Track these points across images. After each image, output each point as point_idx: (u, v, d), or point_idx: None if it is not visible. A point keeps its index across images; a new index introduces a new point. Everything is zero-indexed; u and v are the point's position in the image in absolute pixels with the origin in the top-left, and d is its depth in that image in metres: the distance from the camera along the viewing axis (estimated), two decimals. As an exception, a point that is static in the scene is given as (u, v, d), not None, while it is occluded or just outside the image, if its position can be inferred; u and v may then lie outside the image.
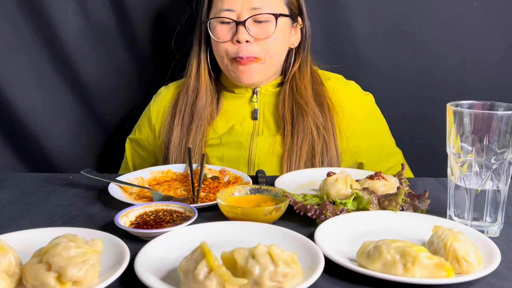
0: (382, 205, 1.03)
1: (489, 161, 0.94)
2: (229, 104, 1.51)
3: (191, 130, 1.45)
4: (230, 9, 1.40)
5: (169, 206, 1.02)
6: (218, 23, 1.42)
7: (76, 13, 1.68)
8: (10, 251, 0.75)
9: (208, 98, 1.48)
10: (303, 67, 1.51)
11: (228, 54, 1.42)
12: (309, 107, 1.44)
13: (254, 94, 1.50)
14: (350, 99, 1.51)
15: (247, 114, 1.49)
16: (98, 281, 0.75)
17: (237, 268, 0.73)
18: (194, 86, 1.49)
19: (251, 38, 1.39)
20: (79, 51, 1.71)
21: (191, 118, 1.46)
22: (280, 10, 1.42)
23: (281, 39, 1.44)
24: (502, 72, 1.73)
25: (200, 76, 1.49)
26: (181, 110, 1.47)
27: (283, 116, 1.46)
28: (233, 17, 1.40)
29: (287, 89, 1.49)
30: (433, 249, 0.84)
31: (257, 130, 1.47)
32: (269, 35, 1.40)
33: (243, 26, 1.38)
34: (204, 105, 1.47)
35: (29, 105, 1.72)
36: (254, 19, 1.39)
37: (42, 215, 1.06)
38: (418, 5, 1.69)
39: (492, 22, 1.69)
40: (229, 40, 1.41)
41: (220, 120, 1.49)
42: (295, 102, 1.46)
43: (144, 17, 1.71)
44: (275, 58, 1.45)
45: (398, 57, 1.72)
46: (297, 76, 1.50)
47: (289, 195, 1.02)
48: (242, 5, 1.39)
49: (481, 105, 0.99)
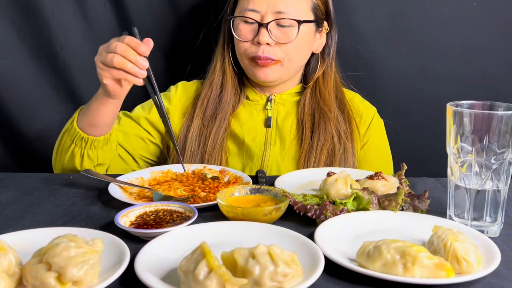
0: (382, 205, 1.03)
1: (489, 161, 0.94)
2: (245, 110, 1.50)
3: (213, 122, 1.45)
4: (254, 9, 1.39)
5: (169, 206, 1.02)
6: (241, 22, 1.42)
7: (76, 13, 1.68)
8: (10, 251, 0.75)
9: (233, 92, 1.49)
10: (328, 73, 1.51)
11: (246, 53, 1.42)
12: (332, 113, 1.45)
13: (268, 102, 1.50)
14: (366, 112, 1.52)
15: (260, 122, 1.49)
16: (98, 281, 0.75)
17: (237, 268, 0.73)
18: (218, 81, 1.49)
19: (272, 41, 1.38)
20: (79, 51, 1.71)
21: (215, 111, 1.47)
22: (305, 16, 1.41)
23: (303, 44, 1.43)
24: (502, 72, 1.73)
25: (225, 71, 1.49)
26: (203, 103, 1.48)
27: (302, 121, 1.46)
28: (256, 18, 1.39)
29: (308, 94, 1.49)
30: (433, 249, 0.84)
31: (269, 139, 1.47)
32: (291, 40, 1.39)
33: (265, 29, 1.38)
34: (228, 100, 1.48)
35: (28, 105, 1.72)
36: (277, 22, 1.38)
37: (42, 215, 1.06)
38: (418, 5, 1.69)
39: (492, 22, 1.69)
40: (250, 40, 1.41)
41: (236, 126, 1.48)
42: (318, 107, 1.46)
43: (144, 17, 1.71)
44: (295, 62, 1.44)
45: (398, 57, 1.72)
46: (320, 82, 1.50)
47: (289, 195, 1.02)
48: (267, 7, 1.38)
49: (481, 105, 0.99)
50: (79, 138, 1.33)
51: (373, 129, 1.52)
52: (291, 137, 1.47)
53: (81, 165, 1.36)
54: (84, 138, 1.33)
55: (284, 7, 1.38)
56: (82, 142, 1.33)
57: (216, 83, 1.49)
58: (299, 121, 1.47)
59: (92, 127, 1.33)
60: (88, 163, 1.36)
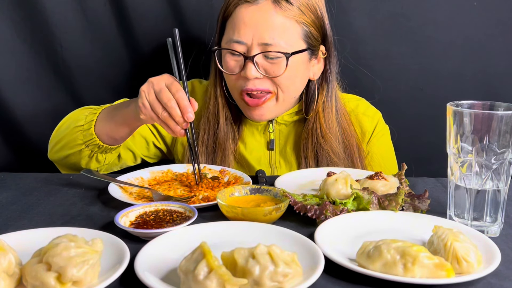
0: (382, 205, 1.03)
1: (489, 161, 0.94)
2: (247, 131, 1.46)
3: (216, 160, 1.41)
4: (240, 40, 1.28)
5: (169, 206, 1.02)
6: (228, 53, 1.32)
7: (76, 13, 1.68)
8: (10, 251, 0.75)
9: (229, 128, 1.41)
10: (328, 104, 1.40)
11: (236, 87, 1.34)
12: (335, 153, 1.38)
13: (270, 123, 1.44)
14: (368, 123, 1.48)
15: (262, 144, 1.45)
16: (98, 281, 0.75)
17: (237, 268, 0.73)
18: (214, 114, 1.41)
19: (260, 74, 1.29)
20: (79, 51, 1.71)
21: (215, 148, 1.41)
22: (295, 46, 1.29)
23: (295, 75, 1.33)
24: (502, 72, 1.73)
25: (218, 105, 1.41)
26: (204, 140, 1.41)
27: (305, 157, 1.40)
28: (242, 50, 1.29)
29: (309, 131, 1.39)
30: (433, 249, 0.84)
31: (274, 162, 1.44)
32: (280, 73, 1.29)
33: (252, 62, 1.27)
34: (225, 136, 1.41)
35: (28, 105, 1.72)
36: (265, 55, 1.28)
37: (42, 215, 1.06)
38: (418, 5, 1.69)
39: (492, 22, 1.69)
40: (238, 73, 1.31)
41: (242, 145, 1.45)
42: (320, 146, 1.38)
43: (144, 17, 1.71)
44: (289, 94, 1.35)
45: (398, 57, 1.72)
46: (321, 116, 1.39)
47: (289, 195, 1.02)
48: (253, 39, 1.27)
49: (481, 105, 0.99)
50: (94, 144, 1.30)
51: (375, 140, 1.49)
52: (295, 159, 1.43)
53: (86, 165, 1.35)
54: (99, 145, 1.31)
55: (271, 38, 1.26)
56: (95, 147, 1.31)
57: (212, 117, 1.42)
58: (302, 157, 1.41)
59: (111, 138, 1.31)
60: (94, 164, 1.36)
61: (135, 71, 1.77)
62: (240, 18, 1.28)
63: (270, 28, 1.27)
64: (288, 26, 1.29)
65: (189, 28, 1.71)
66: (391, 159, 1.53)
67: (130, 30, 1.72)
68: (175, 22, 1.72)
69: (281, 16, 1.27)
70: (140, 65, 1.77)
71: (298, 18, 1.29)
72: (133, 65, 1.76)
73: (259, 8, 1.28)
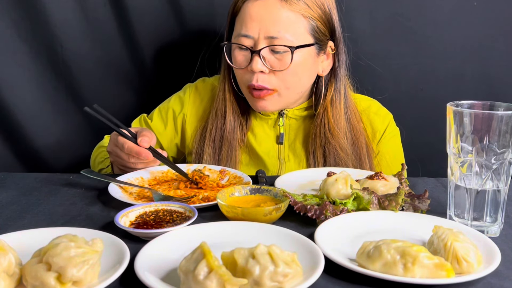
0: (382, 205, 1.03)
1: (489, 161, 0.94)
2: (257, 123, 1.47)
3: (221, 154, 1.42)
4: (247, 35, 1.30)
5: (169, 206, 1.02)
6: (236, 48, 1.35)
7: (76, 13, 1.68)
8: (10, 251, 0.75)
9: (236, 122, 1.43)
10: (336, 100, 1.41)
11: (243, 81, 1.37)
12: (343, 149, 1.38)
13: (280, 117, 1.45)
14: (379, 124, 1.49)
15: (272, 137, 1.46)
16: (98, 281, 0.75)
17: (237, 268, 0.73)
18: (221, 109, 1.43)
19: (266, 68, 1.31)
20: (79, 51, 1.71)
21: (221, 142, 1.42)
22: (301, 40, 1.31)
23: (301, 70, 1.34)
24: (502, 72, 1.73)
25: (226, 99, 1.43)
26: (211, 133, 1.43)
27: (313, 152, 1.41)
28: (249, 44, 1.31)
29: (317, 126, 1.40)
30: (433, 249, 0.84)
31: (283, 156, 1.45)
32: (286, 67, 1.30)
33: (258, 56, 1.29)
34: (232, 130, 1.42)
35: (29, 105, 1.72)
36: (271, 48, 1.30)
37: (42, 215, 1.06)
38: (418, 5, 1.69)
39: (492, 22, 1.69)
40: (245, 67, 1.33)
41: (252, 136, 1.46)
42: (327, 141, 1.39)
43: (144, 17, 1.71)
44: (293, 90, 1.36)
45: (398, 57, 1.72)
46: (329, 110, 1.40)
47: (289, 195, 1.02)
48: (260, 32, 1.29)
49: (481, 105, 0.99)
50: None
51: (385, 141, 1.49)
52: (304, 154, 1.44)
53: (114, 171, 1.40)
54: None
55: (277, 32, 1.28)
56: None
57: (220, 111, 1.43)
58: (310, 152, 1.42)
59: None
60: None
61: (135, 71, 1.77)
62: (247, 13, 1.32)
63: (276, 21, 1.29)
64: (294, 20, 1.30)
65: (189, 28, 1.72)
66: (400, 160, 1.52)
67: (130, 30, 1.72)
68: (175, 22, 1.72)
69: (287, 10, 1.30)
70: (140, 65, 1.77)
71: (305, 12, 1.31)
72: (133, 65, 1.76)
73: (266, 3, 1.30)
